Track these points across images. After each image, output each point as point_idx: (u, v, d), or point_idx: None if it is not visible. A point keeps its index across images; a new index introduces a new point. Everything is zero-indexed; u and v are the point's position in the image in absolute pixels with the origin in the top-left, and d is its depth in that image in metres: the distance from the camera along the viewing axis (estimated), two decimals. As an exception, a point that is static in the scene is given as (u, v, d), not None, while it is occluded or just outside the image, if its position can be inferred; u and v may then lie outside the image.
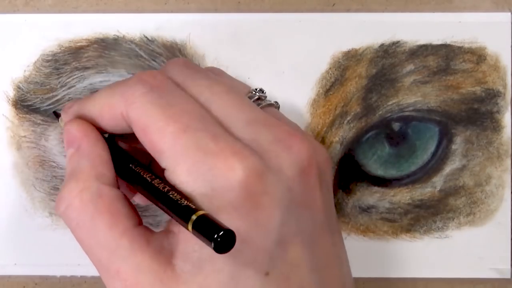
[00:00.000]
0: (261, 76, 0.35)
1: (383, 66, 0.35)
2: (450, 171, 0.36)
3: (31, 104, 0.35)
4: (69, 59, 0.35)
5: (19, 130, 0.35)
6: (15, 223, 0.36)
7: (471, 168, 0.36)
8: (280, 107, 0.31)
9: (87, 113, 0.28)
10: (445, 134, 0.36)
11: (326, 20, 0.35)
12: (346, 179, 0.36)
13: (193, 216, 0.22)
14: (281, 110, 0.35)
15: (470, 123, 0.36)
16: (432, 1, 0.36)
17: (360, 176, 0.36)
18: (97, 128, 0.28)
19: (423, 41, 0.35)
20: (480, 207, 0.36)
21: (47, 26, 0.35)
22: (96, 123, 0.28)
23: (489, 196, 0.36)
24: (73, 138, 0.27)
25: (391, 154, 0.36)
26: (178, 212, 0.23)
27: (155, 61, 0.35)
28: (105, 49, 0.35)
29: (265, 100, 0.29)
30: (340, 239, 0.28)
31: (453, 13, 0.36)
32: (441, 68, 0.35)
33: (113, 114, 0.27)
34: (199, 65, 0.35)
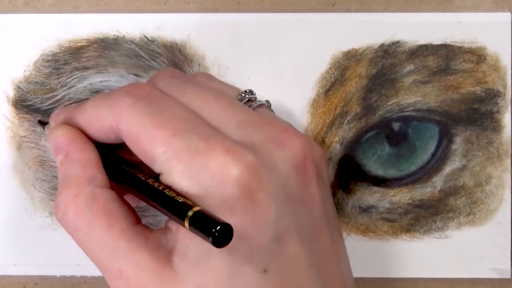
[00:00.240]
0: (261, 76, 0.35)
1: (383, 66, 0.35)
2: (450, 171, 0.36)
3: (31, 104, 0.35)
4: (69, 59, 0.35)
5: (19, 130, 0.35)
6: (15, 223, 0.36)
7: (471, 168, 0.36)
8: (271, 105, 0.31)
9: (75, 123, 0.28)
10: (445, 134, 0.36)
11: (326, 20, 0.35)
12: (346, 179, 0.36)
13: (189, 212, 0.22)
14: (281, 110, 0.35)
15: (470, 123, 0.36)
16: (432, 1, 0.36)
17: (360, 176, 0.36)
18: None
19: (423, 41, 0.35)
20: (480, 207, 0.36)
21: (47, 26, 0.35)
22: (85, 132, 0.28)
23: (489, 196, 0.36)
24: (60, 144, 0.28)
25: (391, 154, 0.36)
26: (174, 209, 0.23)
27: (155, 61, 0.35)
28: (105, 49, 0.35)
29: (256, 101, 0.29)
30: (339, 236, 0.28)
31: (453, 13, 0.36)
32: (441, 68, 0.35)
33: (101, 126, 0.27)
34: (199, 65, 0.35)
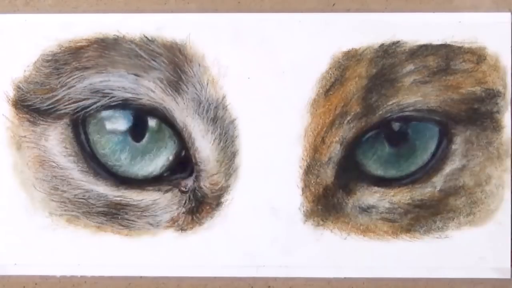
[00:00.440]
0: (261, 76, 0.35)
1: (383, 66, 0.35)
2: (450, 171, 0.36)
3: (31, 104, 0.35)
4: (69, 59, 0.35)
5: (19, 130, 0.35)
6: (15, 223, 0.36)
7: (471, 168, 0.36)
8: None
9: None
10: (445, 134, 0.36)
11: (326, 20, 0.35)
12: (346, 179, 0.36)
13: None
14: (281, 110, 0.35)
15: (470, 123, 0.36)
16: (432, 1, 0.36)
17: (360, 176, 0.36)
18: None
19: (423, 41, 0.35)
20: (480, 207, 0.36)
21: (47, 26, 0.35)
22: None
23: (489, 196, 0.36)
24: None
25: (391, 154, 0.36)
26: None
27: (155, 61, 0.35)
28: (105, 49, 0.35)
29: None
30: None
31: (453, 13, 0.36)
32: (441, 68, 0.35)
33: None
34: (199, 65, 0.35)
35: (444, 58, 0.35)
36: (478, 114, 0.36)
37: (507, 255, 0.36)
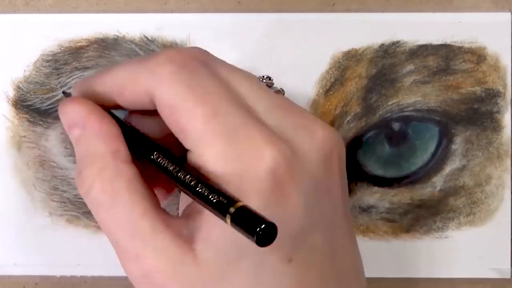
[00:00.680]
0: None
1: (383, 66, 0.35)
2: (450, 171, 0.36)
3: (31, 104, 0.35)
4: (69, 59, 0.35)
5: (19, 130, 0.35)
6: (15, 223, 0.36)
7: (471, 168, 0.36)
8: (284, 93, 0.31)
9: (101, 88, 0.26)
10: (445, 134, 0.36)
11: (326, 20, 0.35)
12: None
13: (231, 208, 0.21)
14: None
15: (470, 123, 0.36)
16: (432, 1, 0.36)
17: (360, 176, 0.36)
18: (106, 105, 0.27)
19: (423, 41, 0.35)
20: (480, 207, 0.36)
21: (47, 26, 0.35)
22: (111, 98, 0.26)
23: (489, 196, 0.36)
24: (75, 118, 0.26)
25: (391, 154, 0.36)
26: (214, 204, 0.22)
27: (155, 61, 0.35)
28: (105, 49, 0.35)
29: (273, 87, 0.29)
30: (352, 225, 0.28)
31: (453, 13, 0.36)
32: (441, 68, 0.35)
33: (137, 91, 0.25)
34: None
35: (444, 58, 0.35)
36: (478, 114, 0.36)
37: (507, 255, 0.36)
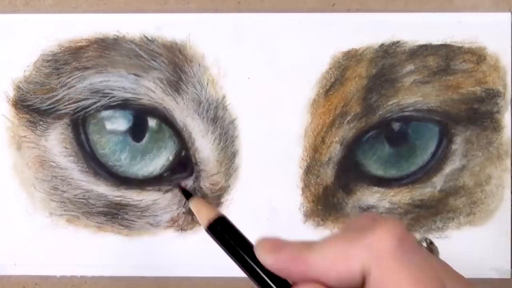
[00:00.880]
0: (261, 76, 0.35)
1: (383, 66, 0.35)
2: (450, 171, 0.36)
3: (31, 104, 0.35)
4: (69, 59, 0.35)
5: (19, 130, 0.35)
6: (15, 223, 0.36)
7: (471, 168, 0.36)
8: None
9: (309, 262, 0.23)
10: (445, 134, 0.36)
11: (326, 20, 0.35)
12: (346, 179, 0.36)
13: None
14: (281, 110, 0.35)
15: (470, 123, 0.36)
16: (432, 1, 0.36)
17: (360, 176, 0.36)
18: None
19: (423, 41, 0.35)
20: (480, 207, 0.36)
21: (47, 26, 0.35)
22: (319, 274, 0.23)
23: (489, 196, 0.36)
24: None
25: (391, 154, 0.36)
26: None
27: (155, 61, 0.35)
28: (105, 49, 0.35)
29: (436, 250, 0.28)
30: None
31: (453, 13, 0.36)
32: (441, 68, 0.35)
33: (350, 267, 0.22)
34: (199, 65, 0.35)
35: (444, 58, 0.35)
36: (478, 114, 0.36)
37: (507, 255, 0.36)
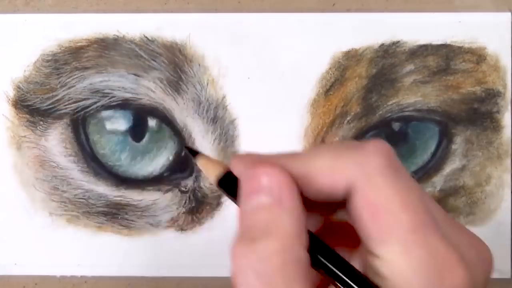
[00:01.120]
0: (261, 76, 0.35)
1: (383, 66, 0.35)
2: (450, 171, 0.36)
3: (31, 104, 0.35)
4: (69, 59, 0.35)
5: (19, 130, 0.35)
6: (15, 223, 0.36)
7: (471, 168, 0.36)
8: None
9: (293, 169, 0.24)
10: (445, 134, 0.36)
11: (326, 20, 0.35)
12: (346, 179, 0.36)
13: None
14: (281, 110, 0.35)
15: (470, 123, 0.36)
16: (432, 1, 0.36)
17: (360, 176, 0.36)
18: None
19: (423, 41, 0.35)
20: (480, 207, 0.36)
21: (47, 26, 0.35)
22: (301, 182, 0.24)
23: (489, 196, 0.36)
24: (273, 186, 0.24)
25: (391, 154, 0.36)
26: None
27: (155, 61, 0.35)
28: (105, 49, 0.35)
29: None
30: None
31: (453, 13, 0.36)
32: (441, 68, 0.35)
33: (335, 180, 0.23)
34: (199, 65, 0.35)
35: (444, 58, 0.35)
36: (478, 114, 0.36)
37: (507, 255, 0.36)
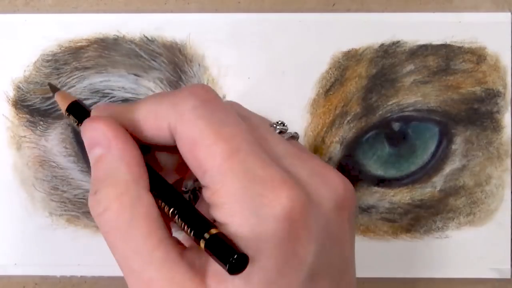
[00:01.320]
0: (261, 76, 0.35)
1: (383, 66, 0.35)
2: (450, 171, 0.36)
3: (31, 104, 0.35)
4: (69, 59, 0.35)
5: (19, 130, 0.35)
6: (15, 223, 0.36)
7: (471, 168, 0.36)
8: (299, 137, 0.30)
9: (124, 119, 0.26)
10: (445, 134, 0.36)
11: (326, 20, 0.35)
12: (346, 179, 0.36)
13: (205, 234, 0.22)
14: (281, 110, 0.35)
15: (470, 123, 0.36)
16: (432, 1, 0.36)
17: (360, 176, 0.36)
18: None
19: (423, 41, 0.35)
20: (480, 207, 0.36)
21: (47, 26, 0.35)
22: (133, 131, 0.26)
23: (489, 196, 0.36)
24: (100, 137, 0.25)
25: (391, 154, 0.36)
26: (193, 225, 0.23)
27: (155, 61, 0.35)
28: (105, 49, 0.35)
29: (287, 133, 0.29)
30: (355, 271, 0.28)
31: (453, 13, 0.36)
32: (441, 68, 0.35)
33: (158, 124, 0.25)
34: (199, 65, 0.35)
35: (444, 58, 0.35)
36: (478, 114, 0.36)
37: (507, 255, 0.36)
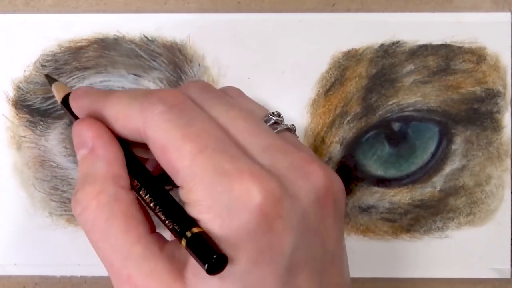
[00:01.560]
0: (261, 76, 0.35)
1: (383, 66, 0.35)
2: (450, 171, 0.36)
3: (31, 104, 0.35)
4: (69, 59, 0.35)
5: (19, 130, 0.35)
6: (15, 223, 0.36)
7: (471, 168, 0.36)
8: (296, 130, 0.31)
9: (101, 113, 0.27)
10: (445, 134, 0.36)
11: (326, 20, 0.35)
12: (346, 179, 0.36)
13: (187, 232, 0.23)
14: (281, 110, 0.35)
15: (470, 123, 0.36)
16: (432, 1, 0.36)
17: (360, 176, 0.36)
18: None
19: (423, 41, 0.35)
20: (480, 207, 0.36)
21: (47, 26, 0.35)
22: (109, 125, 0.27)
23: (489, 196, 0.36)
24: (85, 139, 0.27)
25: (391, 154, 0.36)
26: (177, 222, 0.24)
27: (155, 61, 0.35)
28: (105, 49, 0.35)
29: (282, 125, 0.29)
30: (347, 268, 0.28)
31: (453, 13, 0.36)
32: (441, 68, 0.35)
33: (128, 126, 0.26)
34: (199, 65, 0.35)
35: (444, 58, 0.35)
36: (478, 114, 0.36)
37: (507, 255, 0.36)
